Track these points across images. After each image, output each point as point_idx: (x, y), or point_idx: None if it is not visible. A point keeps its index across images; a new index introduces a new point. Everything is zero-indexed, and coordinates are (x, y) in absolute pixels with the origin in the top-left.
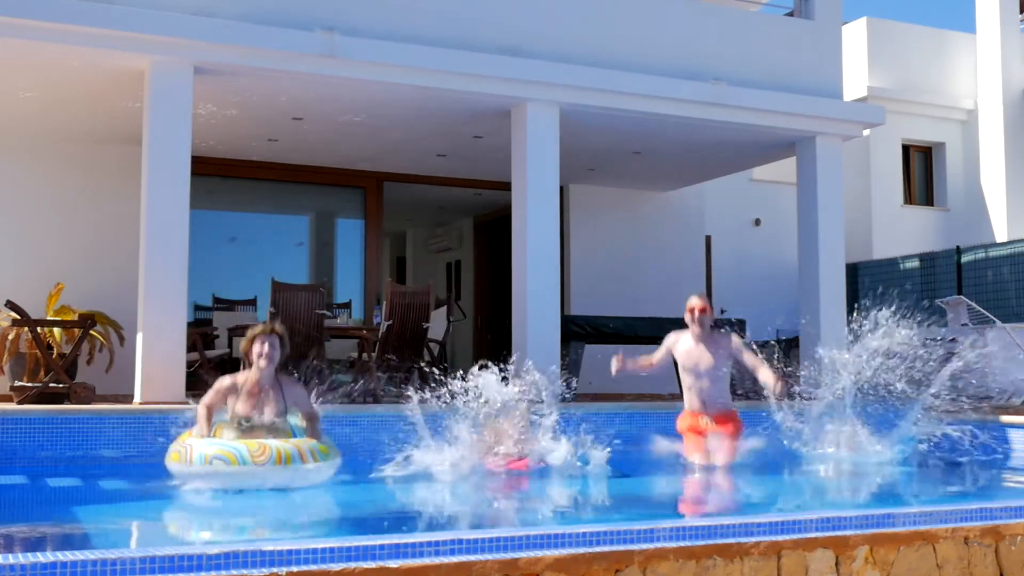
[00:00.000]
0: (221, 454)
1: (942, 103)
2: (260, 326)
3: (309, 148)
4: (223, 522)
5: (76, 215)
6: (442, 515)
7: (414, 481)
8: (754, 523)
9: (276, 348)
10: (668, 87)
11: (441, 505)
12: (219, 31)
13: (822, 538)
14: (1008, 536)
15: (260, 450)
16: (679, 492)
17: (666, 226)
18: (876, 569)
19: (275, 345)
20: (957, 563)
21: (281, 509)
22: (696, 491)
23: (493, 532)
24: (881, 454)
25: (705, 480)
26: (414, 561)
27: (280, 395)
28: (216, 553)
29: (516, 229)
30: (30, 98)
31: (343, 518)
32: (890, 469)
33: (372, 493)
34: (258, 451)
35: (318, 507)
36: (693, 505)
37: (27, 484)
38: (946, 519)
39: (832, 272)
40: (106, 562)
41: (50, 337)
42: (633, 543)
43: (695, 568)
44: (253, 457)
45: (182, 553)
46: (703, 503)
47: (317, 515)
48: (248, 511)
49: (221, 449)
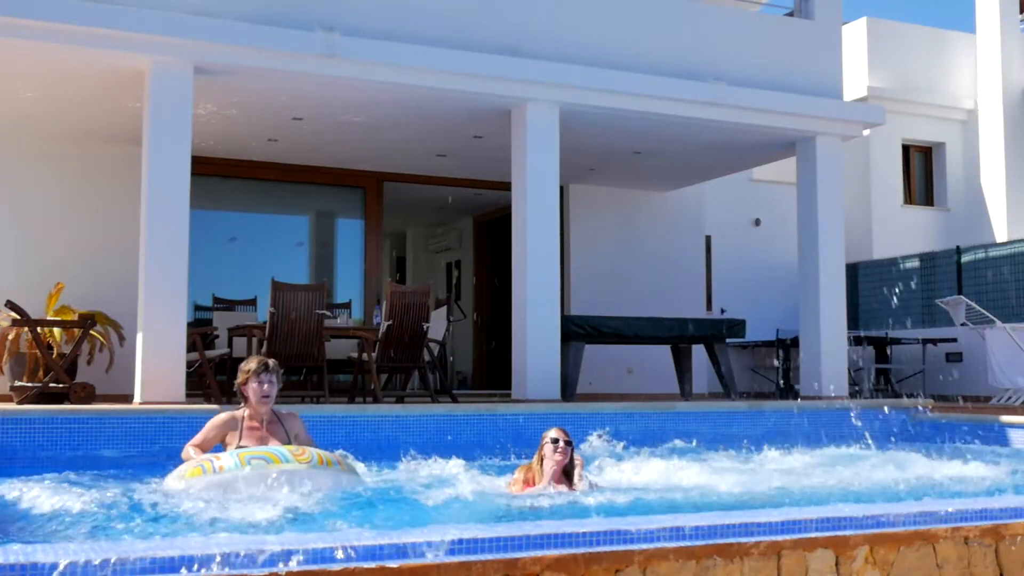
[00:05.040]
0: (259, 455)
1: (942, 103)
2: (254, 362)
3: (309, 148)
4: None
5: (76, 215)
6: (442, 515)
7: (415, 481)
8: (754, 523)
9: (274, 384)
10: (668, 87)
11: (442, 505)
12: (219, 31)
13: (822, 538)
14: (1008, 536)
15: (301, 451)
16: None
17: (666, 226)
18: (876, 569)
19: (273, 382)
20: (957, 563)
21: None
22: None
23: (493, 532)
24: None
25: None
26: (414, 561)
27: (281, 428)
28: (216, 553)
29: (516, 229)
30: (30, 98)
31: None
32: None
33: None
34: (299, 452)
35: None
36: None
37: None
38: (946, 519)
39: (832, 272)
40: (106, 562)
41: (50, 337)
42: (633, 543)
43: (695, 568)
44: (296, 456)
45: (182, 553)
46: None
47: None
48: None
49: (257, 451)
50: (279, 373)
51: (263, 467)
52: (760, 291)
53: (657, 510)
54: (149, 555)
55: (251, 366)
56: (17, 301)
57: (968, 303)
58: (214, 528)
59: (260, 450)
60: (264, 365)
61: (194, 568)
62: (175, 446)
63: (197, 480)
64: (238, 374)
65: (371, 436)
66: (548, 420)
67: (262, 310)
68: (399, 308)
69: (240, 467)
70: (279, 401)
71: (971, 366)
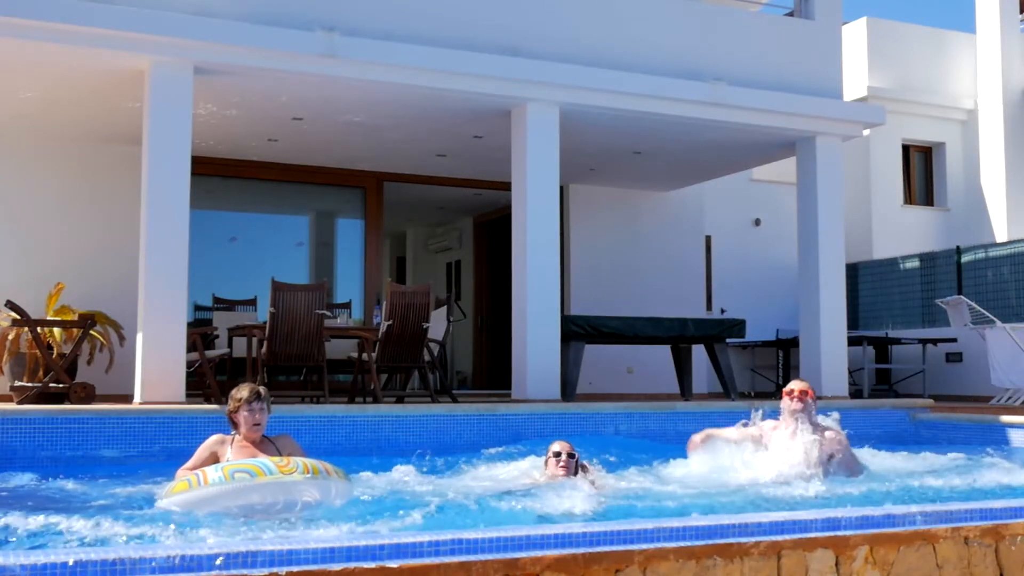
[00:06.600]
0: (243, 467)
1: (942, 103)
2: (246, 390)
3: (309, 148)
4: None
5: (76, 215)
6: (443, 515)
7: (418, 482)
8: (754, 523)
9: (265, 412)
10: (668, 87)
11: (443, 505)
12: (219, 31)
13: (822, 538)
14: (1008, 536)
15: (285, 462)
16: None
17: (666, 226)
18: (876, 569)
19: (264, 410)
20: (957, 563)
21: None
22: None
23: (493, 532)
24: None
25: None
26: (414, 561)
27: (273, 448)
28: (216, 553)
29: (516, 229)
30: (30, 98)
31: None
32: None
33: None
34: (283, 463)
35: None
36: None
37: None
38: (946, 519)
39: (832, 272)
40: (106, 562)
41: (50, 337)
42: (633, 543)
43: (695, 568)
44: (280, 468)
45: (182, 553)
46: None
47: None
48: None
49: (241, 463)
50: (270, 401)
51: (247, 480)
52: (760, 291)
53: (657, 510)
54: (150, 555)
55: (242, 394)
56: (17, 301)
57: (968, 303)
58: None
59: (245, 463)
60: (256, 394)
61: (194, 569)
62: (175, 446)
63: (182, 496)
64: (229, 401)
65: (371, 436)
66: (548, 420)
67: (262, 310)
68: (399, 308)
69: (224, 481)
70: (279, 401)
71: (971, 366)
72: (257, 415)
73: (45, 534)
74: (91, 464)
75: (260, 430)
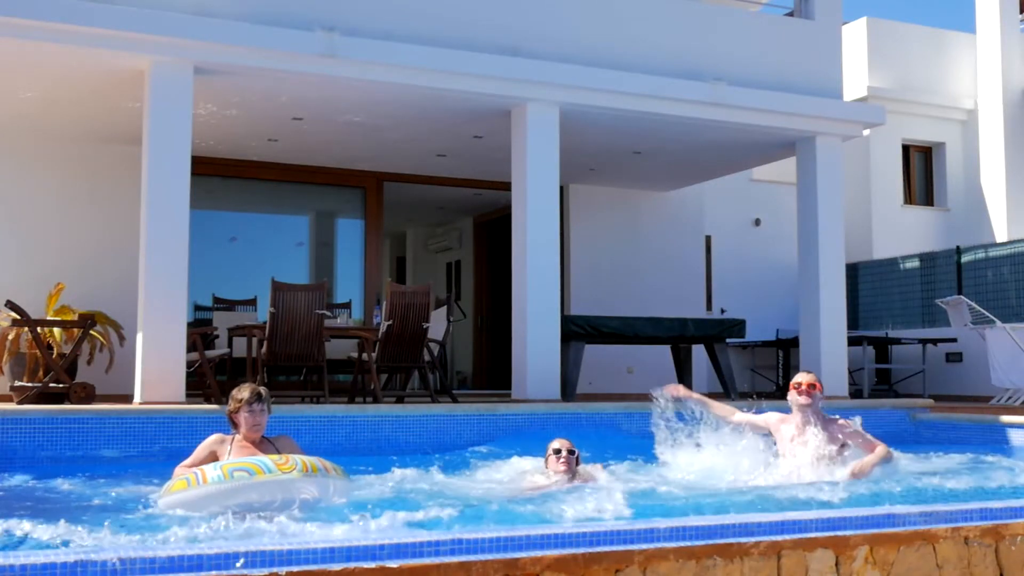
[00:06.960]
0: (242, 466)
1: (942, 103)
2: (247, 391)
3: (309, 148)
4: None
5: (76, 215)
6: (443, 515)
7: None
8: (754, 523)
9: (266, 413)
10: (668, 87)
11: (443, 505)
12: (219, 31)
13: (822, 538)
14: (1008, 536)
15: (284, 460)
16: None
17: (666, 226)
18: (876, 569)
19: (264, 411)
20: (957, 563)
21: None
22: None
23: (493, 532)
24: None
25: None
26: (414, 561)
27: (273, 448)
28: (216, 553)
29: (516, 229)
30: (30, 98)
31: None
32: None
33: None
34: (282, 461)
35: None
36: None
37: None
38: (946, 519)
39: (832, 272)
40: (106, 562)
41: (50, 337)
42: (633, 543)
43: (695, 568)
44: (279, 466)
45: (182, 553)
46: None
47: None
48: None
49: (240, 462)
50: (270, 401)
51: (246, 478)
52: (760, 291)
53: (657, 510)
54: (150, 555)
55: (243, 395)
56: (17, 301)
57: (968, 303)
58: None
59: (243, 461)
60: (257, 395)
61: (195, 569)
62: (175, 446)
63: (181, 495)
64: (229, 401)
65: (371, 436)
66: (548, 420)
67: (262, 310)
68: (399, 308)
69: (223, 479)
70: (279, 401)
71: (971, 366)
72: (257, 416)
73: (45, 534)
74: (91, 464)
75: (260, 431)
